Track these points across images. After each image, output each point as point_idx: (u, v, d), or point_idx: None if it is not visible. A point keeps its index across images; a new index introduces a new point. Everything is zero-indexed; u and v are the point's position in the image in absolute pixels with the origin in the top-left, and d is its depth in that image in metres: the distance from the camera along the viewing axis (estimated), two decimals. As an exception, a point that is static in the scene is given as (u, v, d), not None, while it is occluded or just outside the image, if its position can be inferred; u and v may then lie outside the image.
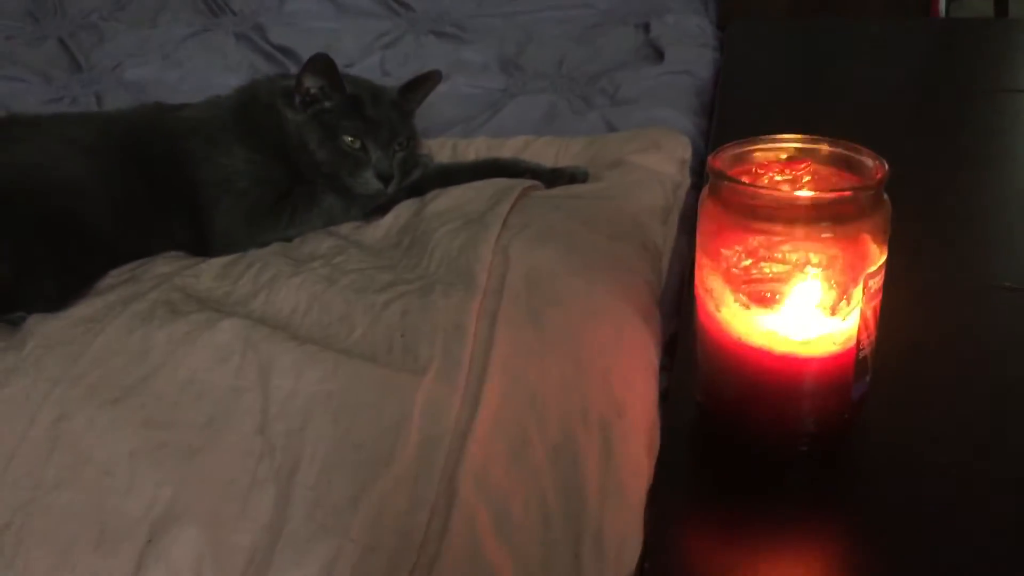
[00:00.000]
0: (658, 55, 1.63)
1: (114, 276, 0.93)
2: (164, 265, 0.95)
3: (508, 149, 1.18)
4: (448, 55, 1.68)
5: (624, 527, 0.66)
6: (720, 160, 0.70)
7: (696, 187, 1.13)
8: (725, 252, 0.69)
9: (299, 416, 0.71)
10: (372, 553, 0.63)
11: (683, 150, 1.12)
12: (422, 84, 1.12)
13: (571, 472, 0.68)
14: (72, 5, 2.02)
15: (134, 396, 0.74)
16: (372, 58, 1.68)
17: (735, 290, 0.68)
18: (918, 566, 0.64)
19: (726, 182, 0.67)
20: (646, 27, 1.74)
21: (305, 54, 1.71)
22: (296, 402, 0.72)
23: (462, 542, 0.63)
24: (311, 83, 1.04)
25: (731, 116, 1.38)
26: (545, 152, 1.16)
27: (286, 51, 1.73)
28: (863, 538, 0.68)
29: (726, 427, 0.73)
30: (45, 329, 0.81)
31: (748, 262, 0.68)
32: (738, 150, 0.71)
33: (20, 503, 0.67)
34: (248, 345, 0.77)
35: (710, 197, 0.69)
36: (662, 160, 1.07)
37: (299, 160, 1.04)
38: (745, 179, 0.70)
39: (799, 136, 0.71)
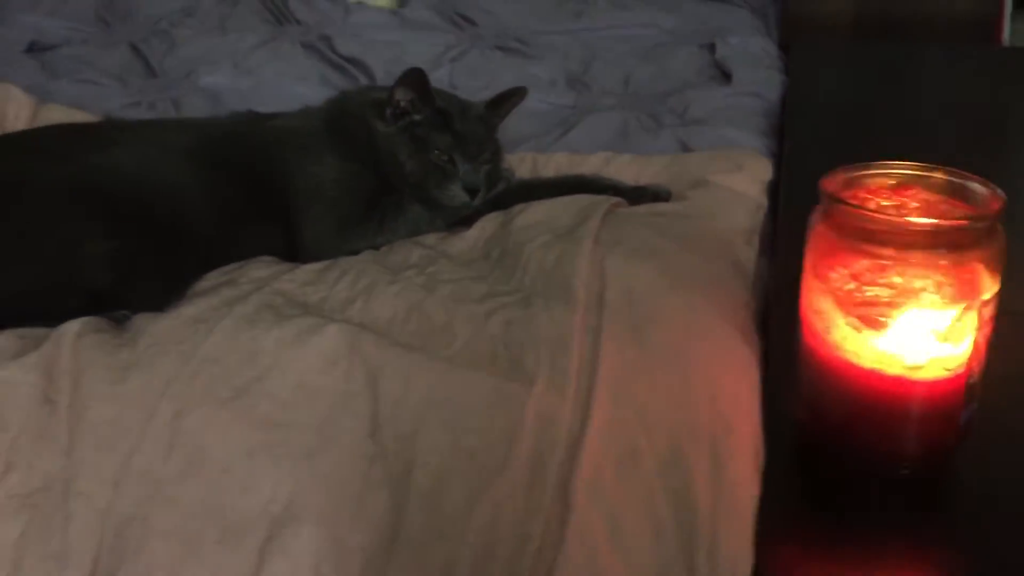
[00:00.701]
0: (724, 76, 1.65)
1: (211, 278, 0.96)
2: (260, 269, 0.97)
3: (588, 165, 1.20)
4: (515, 70, 1.70)
5: (737, 543, 0.67)
6: (832, 183, 0.71)
7: (771, 210, 1.14)
8: (835, 274, 0.70)
9: (410, 422, 0.73)
10: (489, 558, 0.64)
11: (765, 172, 1.13)
12: (507, 100, 1.14)
13: (682, 486, 0.69)
14: (141, 11, 2.06)
15: (247, 396, 0.75)
16: (440, 71, 1.70)
17: (846, 312, 0.69)
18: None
19: (840, 205, 0.69)
20: (711, 48, 1.76)
21: (373, 65, 1.75)
22: (407, 408, 0.74)
23: (578, 550, 0.65)
24: (402, 96, 1.06)
25: (802, 138, 1.39)
26: (626, 170, 1.18)
27: (355, 62, 1.76)
28: (963, 564, 0.69)
29: (829, 447, 0.74)
30: (156, 328, 0.83)
31: (854, 285, 0.69)
32: (849, 174, 0.72)
33: (144, 496, 0.69)
34: (355, 350, 0.79)
35: (822, 220, 0.70)
36: (745, 181, 1.09)
37: (388, 171, 1.07)
38: (856, 203, 0.72)
39: (912, 163, 0.72)
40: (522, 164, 1.22)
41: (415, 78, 1.05)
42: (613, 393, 0.73)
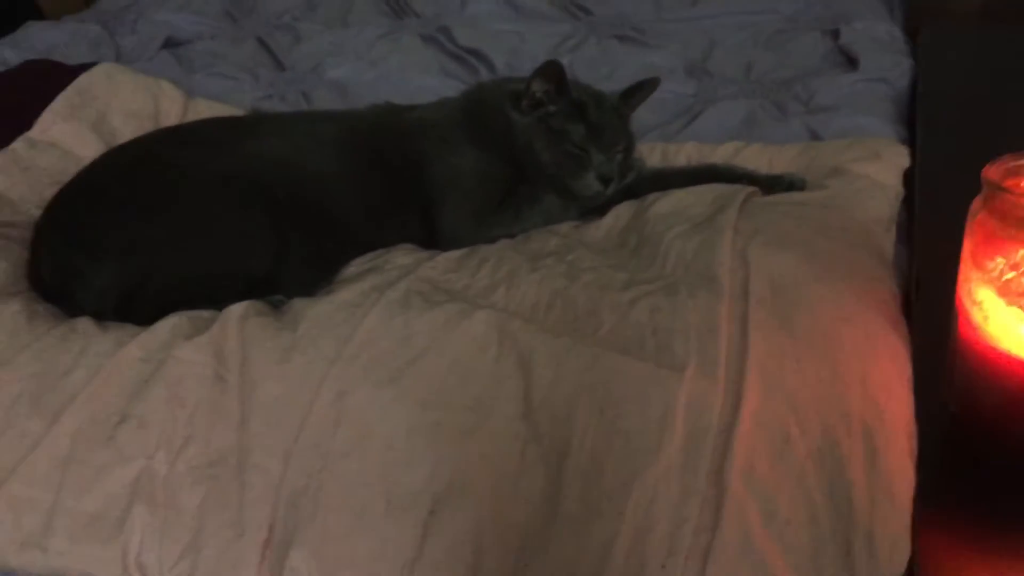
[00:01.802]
0: (848, 62, 1.62)
1: (357, 265, 1.00)
2: (403, 257, 1.00)
3: (719, 155, 1.20)
4: (634, 60, 1.71)
5: (894, 531, 0.68)
6: (995, 172, 0.70)
7: (907, 198, 1.12)
8: (995, 264, 0.69)
9: (563, 404, 0.75)
10: (647, 536, 0.66)
11: (903, 160, 1.11)
12: (640, 90, 1.15)
13: (836, 473, 0.70)
14: (266, 6, 2.13)
15: (405, 378, 0.79)
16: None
17: (1008, 302, 0.69)
18: None
19: (1003, 194, 0.68)
20: (834, 33, 1.73)
21: (493, 56, 1.78)
22: (559, 391, 0.76)
23: (734, 532, 0.66)
24: (539, 87, 1.08)
25: (936, 126, 1.36)
26: (757, 159, 1.18)
27: (475, 53, 1.79)
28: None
29: (984, 438, 0.74)
30: (313, 312, 0.87)
31: (1013, 275, 0.69)
32: (1013, 163, 0.71)
33: (314, 469, 0.74)
34: (504, 335, 0.81)
35: (983, 208, 0.70)
36: (884, 170, 1.07)
37: (524, 161, 1.09)
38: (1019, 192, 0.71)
39: (1081, 152, 0.71)
40: (651, 154, 1.23)
41: (552, 70, 1.07)
42: (763, 380, 0.74)
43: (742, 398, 0.73)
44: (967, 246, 0.71)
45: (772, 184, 1.07)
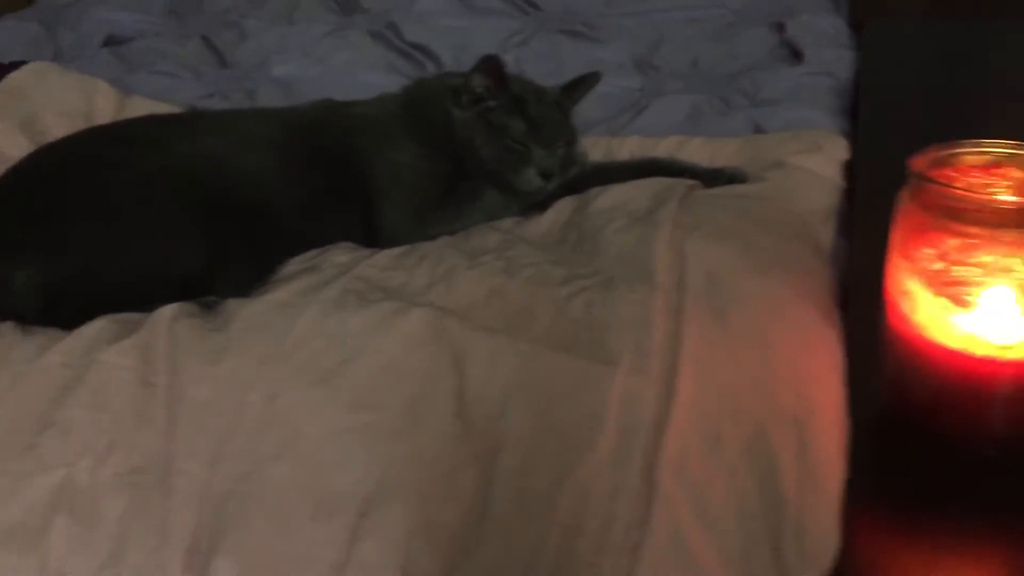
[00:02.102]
0: (794, 55, 1.63)
1: (295, 264, 0.98)
2: (341, 255, 0.99)
3: (662, 149, 1.20)
4: (582, 55, 1.70)
5: (823, 524, 0.67)
6: (921, 162, 0.70)
7: (847, 190, 1.13)
8: (923, 254, 0.69)
9: (497, 402, 0.74)
10: (576, 536, 0.66)
11: (843, 152, 1.12)
12: (582, 84, 1.15)
13: (767, 467, 0.70)
14: (211, 3, 2.10)
15: (337, 378, 0.77)
16: (506, 57, 1.69)
17: (934, 292, 0.69)
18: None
19: (929, 184, 0.68)
20: (780, 27, 1.74)
21: (440, 52, 1.77)
22: (492, 389, 0.75)
23: (664, 529, 0.65)
24: (479, 83, 1.07)
25: (878, 118, 1.37)
26: (699, 152, 1.18)
27: (421, 49, 1.78)
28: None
29: (915, 428, 0.74)
30: (246, 312, 0.86)
31: (942, 265, 0.69)
32: (939, 153, 0.72)
33: (241, 474, 0.72)
34: (439, 333, 0.80)
35: (909, 198, 0.70)
36: (824, 162, 1.08)
37: (464, 156, 1.08)
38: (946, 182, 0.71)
39: (1004, 141, 0.71)
40: (596, 148, 1.22)
41: (491, 65, 1.06)
42: (696, 374, 0.74)
43: (675, 392, 0.72)
44: (895, 237, 0.71)
45: (713, 177, 1.07)
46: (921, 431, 0.73)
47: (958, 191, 0.67)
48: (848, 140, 1.32)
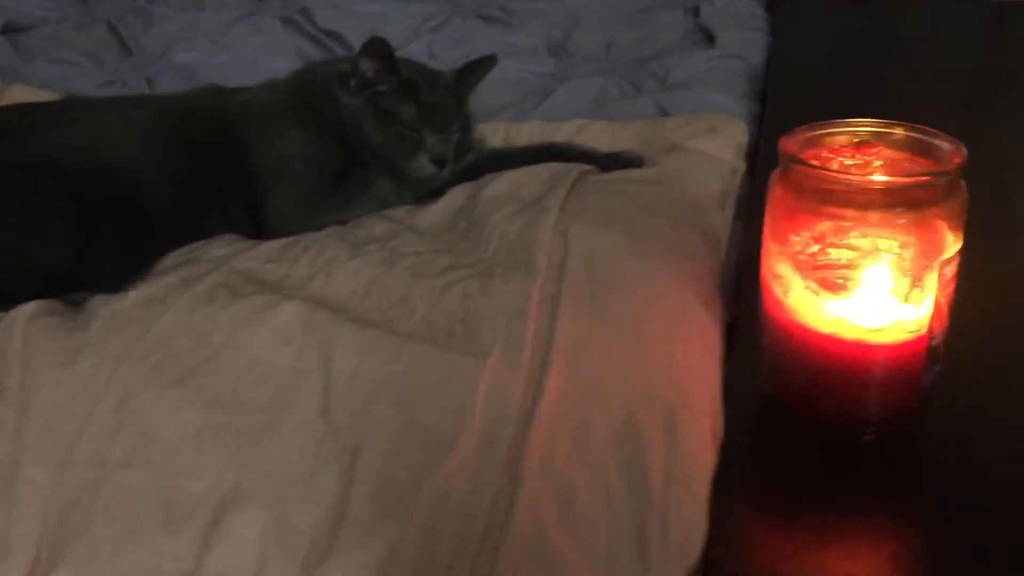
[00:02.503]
0: (708, 39, 1.61)
1: (173, 258, 0.94)
2: (222, 248, 0.95)
3: (561, 133, 1.17)
4: (496, 39, 1.67)
5: (690, 516, 0.65)
6: (791, 143, 0.68)
7: (750, 173, 1.11)
8: (794, 237, 0.68)
9: (362, 398, 0.71)
10: (435, 536, 0.63)
11: (740, 135, 1.10)
12: (477, 68, 1.11)
13: (635, 459, 0.67)
14: (120, -12, 2.03)
15: (198, 377, 0.74)
16: (419, 42, 1.68)
17: (805, 276, 0.67)
18: (984, 557, 0.63)
19: (798, 166, 0.66)
20: (695, 11, 1.72)
21: (353, 38, 1.72)
22: (359, 384, 0.72)
23: (526, 528, 0.63)
24: (367, 66, 1.03)
25: (785, 101, 1.36)
26: (599, 136, 1.15)
27: (333, 35, 1.73)
28: (929, 528, 0.67)
29: (791, 415, 0.72)
30: (109, 309, 0.82)
31: (817, 248, 0.67)
32: (809, 134, 0.70)
33: (88, 481, 0.68)
34: (309, 327, 0.77)
35: (780, 181, 0.68)
36: (720, 145, 1.06)
37: (354, 143, 1.04)
38: (815, 163, 0.69)
39: (873, 120, 0.70)
40: (495, 134, 1.19)
41: (378, 47, 1.03)
42: (567, 364, 0.71)
43: (544, 384, 0.70)
44: (767, 220, 0.70)
45: (609, 162, 1.05)
46: (799, 416, 0.72)
47: (824, 172, 0.65)
48: (755, 123, 1.31)
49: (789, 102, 1.37)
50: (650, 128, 1.14)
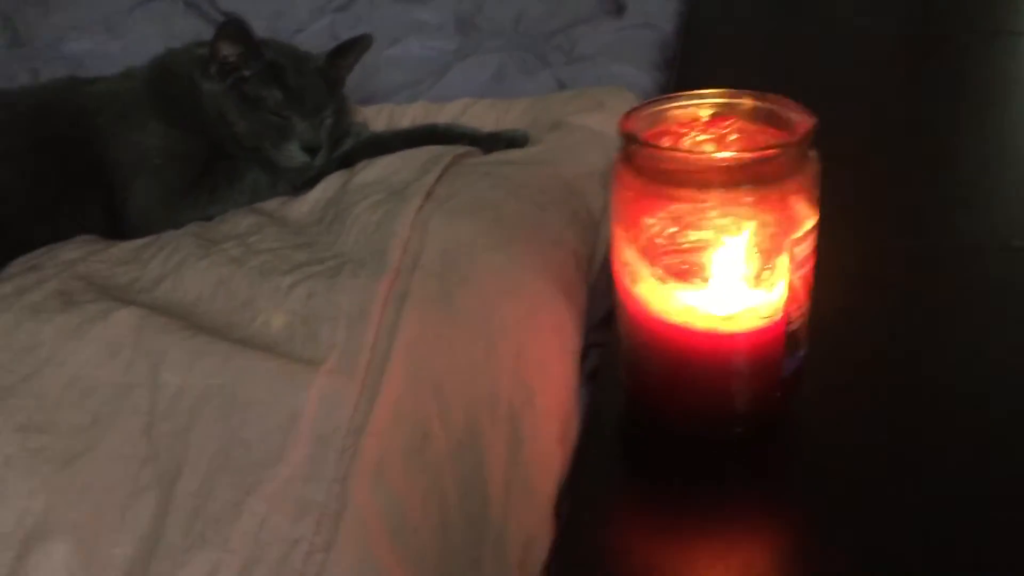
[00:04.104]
0: (620, 9, 1.56)
1: (18, 264, 0.87)
2: (72, 251, 0.89)
3: (446, 114, 1.11)
4: (402, 16, 1.61)
5: (530, 526, 0.61)
6: (634, 121, 0.63)
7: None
8: (641, 222, 0.62)
9: (186, 415, 0.65)
10: (254, 565, 0.58)
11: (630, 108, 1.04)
12: (352, 49, 1.05)
13: (474, 467, 0.62)
14: (21, -23, 1.94)
15: (13, 397, 0.68)
16: (322, 21, 1.61)
17: (652, 263, 0.62)
18: (854, 548, 0.59)
19: (637, 146, 0.61)
20: (609, -21, 1.66)
21: (253, 20, 1.64)
22: (184, 399, 0.66)
23: (352, 549, 0.58)
24: (228, 51, 0.97)
25: (693, 71, 1.31)
26: (486, 116, 1.09)
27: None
28: (800, 520, 0.63)
29: (652, 409, 0.68)
30: (-72, 326, 0.75)
31: (663, 232, 0.62)
32: (654, 109, 0.65)
33: None
34: (140, 337, 0.71)
35: (622, 163, 0.63)
36: (605, 120, 1.00)
37: (218, 133, 0.98)
38: (666, 140, 0.64)
39: (721, 91, 0.64)
40: (378, 117, 1.13)
41: (235, 29, 0.96)
42: (408, 367, 0.66)
43: (380, 390, 0.64)
44: (613, 205, 0.64)
45: (491, 142, 0.99)
46: (661, 412, 0.67)
47: (662, 150, 0.60)
48: (663, 94, 1.26)
49: (699, 71, 1.32)
50: (538, 105, 1.09)
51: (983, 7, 1.52)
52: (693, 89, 0.66)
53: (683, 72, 1.29)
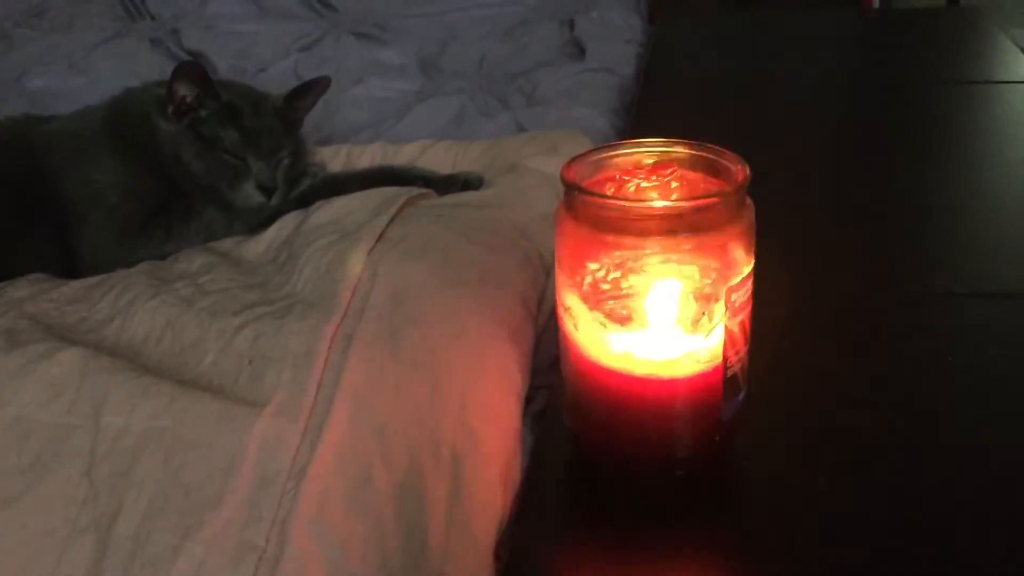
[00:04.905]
0: (581, 52, 1.59)
1: (-34, 303, 0.87)
2: (22, 289, 0.88)
3: (404, 155, 1.12)
4: (366, 56, 1.63)
5: (469, 571, 0.61)
6: (577, 168, 0.64)
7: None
8: (583, 268, 0.63)
9: (127, 456, 0.65)
10: (190, 611, 0.57)
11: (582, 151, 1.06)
12: (310, 90, 1.06)
13: (416, 510, 0.62)
14: (-15, 12, 1.95)
15: (-48, 440, 0.67)
16: (287, 61, 1.63)
17: (592, 308, 0.63)
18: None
19: (578, 193, 0.62)
20: (572, 24, 1.69)
21: (217, 59, 1.66)
22: (126, 440, 0.66)
23: (289, 595, 0.57)
24: (184, 91, 0.98)
25: (650, 115, 1.33)
26: (443, 157, 1.11)
27: (199, 56, 1.67)
28: (741, 561, 0.63)
29: (595, 452, 0.68)
30: None
31: (609, 277, 0.63)
32: (597, 156, 0.66)
33: None
34: (84, 378, 0.71)
35: (565, 209, 0.64)
36: (558, 164, 0.99)
37: (175, 173, 0.98)
38: (609, 187, 0.66)
39: (658, 140, 0.66)
40: (336, 157, 1.14)
41: (192, 70, 0.97)
42: (352, 409, 0.66)
43: (323, 433, 0.64)
44: (556, 251, 0.65)
45: (446, 184, 1.00)
46: (602, 453, 0.68)
47: (600, 199, 0.61)
48: (621, 137, 1.28)
49: (656, 115, 1.34)
50: (494, 148, 1.10)
51: (931, 58, 1.56)
52: (649, 132, 0.68)
53: (640, 115, 1.31)
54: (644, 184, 0.66)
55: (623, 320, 0.62)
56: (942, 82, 1.42)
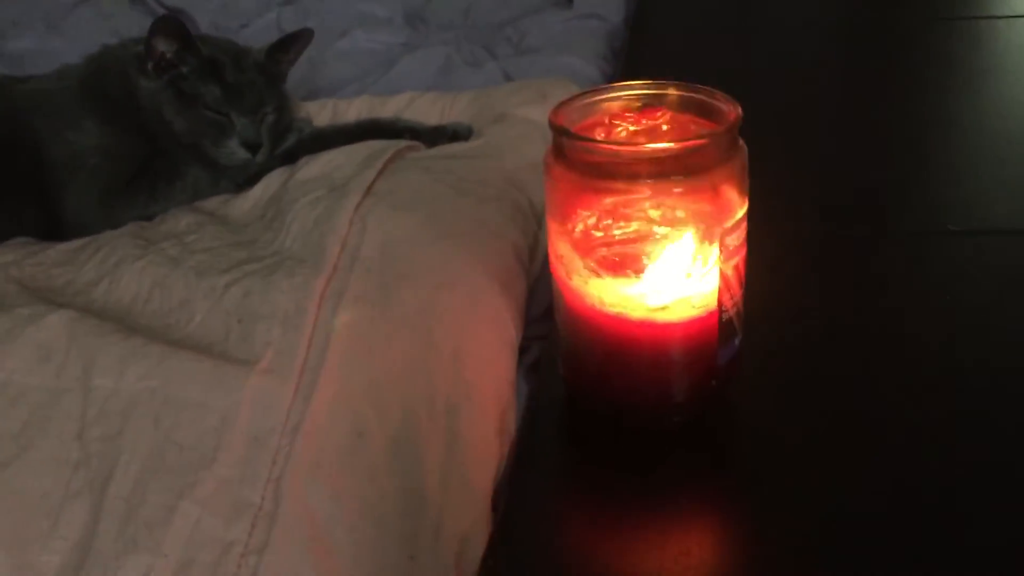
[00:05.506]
0: (570, 0, 1.56)
1: (-50, 269, 0.86)
2: (7, 253, 0.87)
3: (391, 108, 1.10)
4: (349, 9, 1.59)
5: (467, 522, 0.60)
6: (565, 114, 0.63)
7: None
8: (574, 215, 0.62)
9: (118, 418, 0.64)
10: (187, 568, 0.57)
11: (570, 100, 1.04)
12: (293, 43, 1.04)
13: (411, 464, 0.62)
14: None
15: (-59, 405, 0.67)
16: (268, 16, 1.59)
17: (586, 255, 0.62)
18: (789, 534, 0.59)
19: (566, 139, 0.61)
20: (558, -30, 1.66)
21: (197, 14, 1.63)
22: (116, 402, 0.65)
23: (286, 550, 0.57)
24: (164, 47, 0.95)
25: (640, 61, 1.31)
26: (430, 109, 1.09)
27: (179, 12, 1.63)
28: (736, 508, 0.63)
29: (590, 401, 0.68)
30: None
31: (595, 225, 0.62)
32: (585, 101, 0.64)
33: None
34: (72, 340, 0.70)
35: (554, 156, 0.62)
36: (547, 111, 0.99)
37: (157, 131, 0.97)
38: (598, 132, 0.64)
39: (647, 83, 0.64)
40: (322, 112, 1.12)
41: (171, 26, 0.95)
42: (344, 364, 0.65)
43: (316, 389, 0.64)
44: (546, 198, 0.64)
45: (435, 136, 0.99)
46: (596, 402, 0.67)
47: (589, 142, 0.60)
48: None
49: (646, 62, 1.32)
50: (482, 98, 1.08)
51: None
52: (639, 78, 0.66)
53: (631, 63, 1.29)
54: (633, 128, 0.65)
55: (616, 267, 0.61)
56: (940, 17, 1.40)
